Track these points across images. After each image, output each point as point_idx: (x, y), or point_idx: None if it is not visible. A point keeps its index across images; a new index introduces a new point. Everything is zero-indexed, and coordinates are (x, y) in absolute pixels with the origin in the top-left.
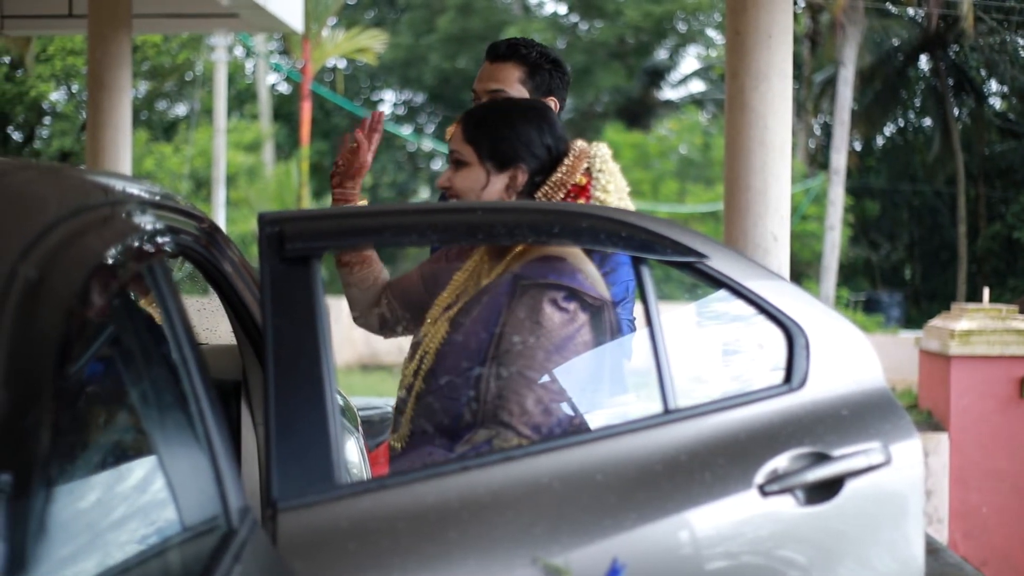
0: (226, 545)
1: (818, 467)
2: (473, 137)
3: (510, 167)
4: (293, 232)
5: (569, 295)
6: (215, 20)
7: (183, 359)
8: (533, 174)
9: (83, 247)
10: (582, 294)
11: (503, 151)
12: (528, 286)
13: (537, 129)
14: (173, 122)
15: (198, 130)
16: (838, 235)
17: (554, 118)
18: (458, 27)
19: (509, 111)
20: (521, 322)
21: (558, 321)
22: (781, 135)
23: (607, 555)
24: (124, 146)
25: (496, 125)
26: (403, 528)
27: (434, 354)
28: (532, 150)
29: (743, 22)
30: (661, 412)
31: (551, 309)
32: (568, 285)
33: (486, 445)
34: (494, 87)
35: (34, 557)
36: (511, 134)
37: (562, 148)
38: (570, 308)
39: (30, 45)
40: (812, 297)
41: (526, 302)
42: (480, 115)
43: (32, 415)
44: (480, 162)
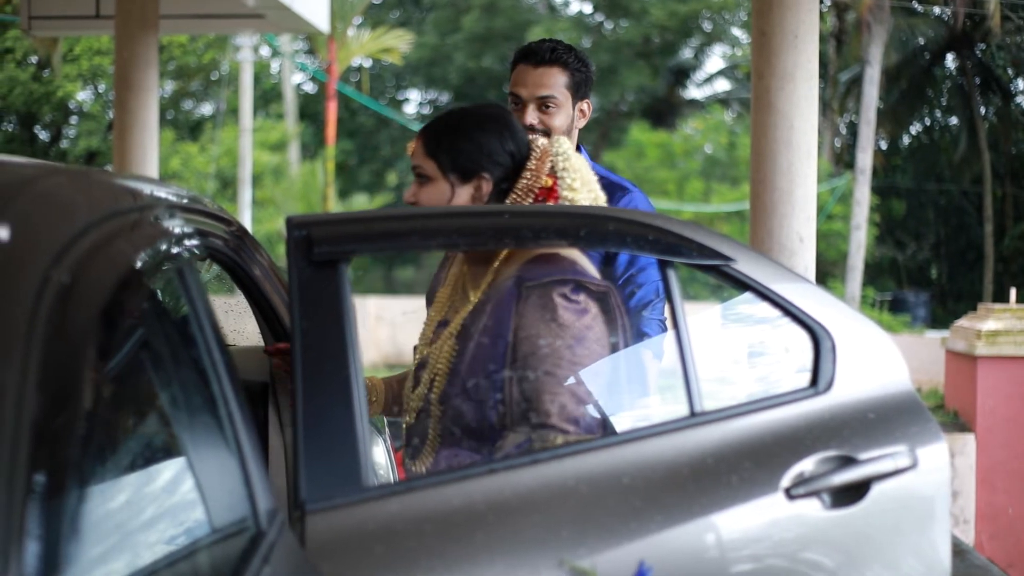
0: (255, 547)
1: (844, 470)
2: (434, 151)
3: (473, 178)
4: (321, 236)
5: (576, 287)
6: (241, 21)
7: (212, 362)
8: (499, 182)
9: (114, 252)
10: (587, 284)
11: (464, 163)
12: (533, 287)
13: (498, 137)
14: (199, 122)
15: (224, 130)
16: (864, 235)
17: (513, 122)
18: (483, 26)
19: (466, 121)
20: (536, 323)
21: (572, 314)
22: (807, 135)
23: (634, 558)
24: (151, 146)
25: (455, 137)
26: (430, 530)
27: (445, 373)
28: (494, 159)
29: (769, 22)
30: (688, 415)
31: (563, 304)
32: (572, 278)
33: (526, 442)
34: (544, 93)
35: (66, 557)
36: (470, 145)
37: (525, 152)
38: (580, 299)
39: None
40: (838, 300)
41: (535, 303)
42: (439, 128)
43: (65, 417)
44: (443, 175)
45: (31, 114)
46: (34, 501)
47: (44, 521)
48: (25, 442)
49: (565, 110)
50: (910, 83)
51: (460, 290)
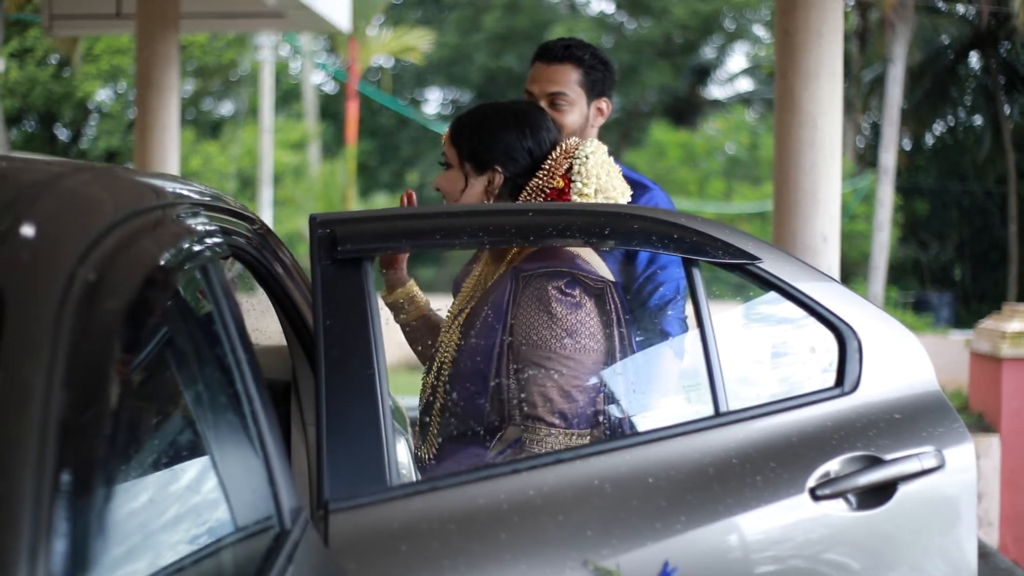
0: (279, 546)
1: (870, 471)
2: (457, 140)
3: (487, 170)
4: (344, 234)
5: (571, 281)
6: (262, 20)
7: (237, 360)
8: (513, 177)
9: (139, 250)
10: (583, 278)
11: (480, 154)
12: (529, 277)
13: (517, 132)
14: (219, 121)
15: (244, 129)
16: (887, 235)
17: (539, 121)
18: (504, 26)
19: (493, 116)
20: (529, 315)
21: (566, 308)
22: (831, 135)
23: (658, 558)
24: (171, 145)
25: (476, 129)
26: (454, 530)
27: (451, 362)
28: (510, 154)
29: (793, 21)
30: (712, 414)
31: (556, 297)
32: (568, 271)
33: (518, 442)
34: (554, 89)
35: (93, 555)
36: (488, 138)
37: (546, 150)
38: (575, 293)
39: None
40: (864, 300)
41: (530, 294)
42: (467, 119)
43: (91, 415)
44: (460, 165)
45: (51, 114)
46: (61, 499)
47: (71, 519)
48: (52, 440)
49: (578, 108)
50: (934, 82)
51: (481, 284)
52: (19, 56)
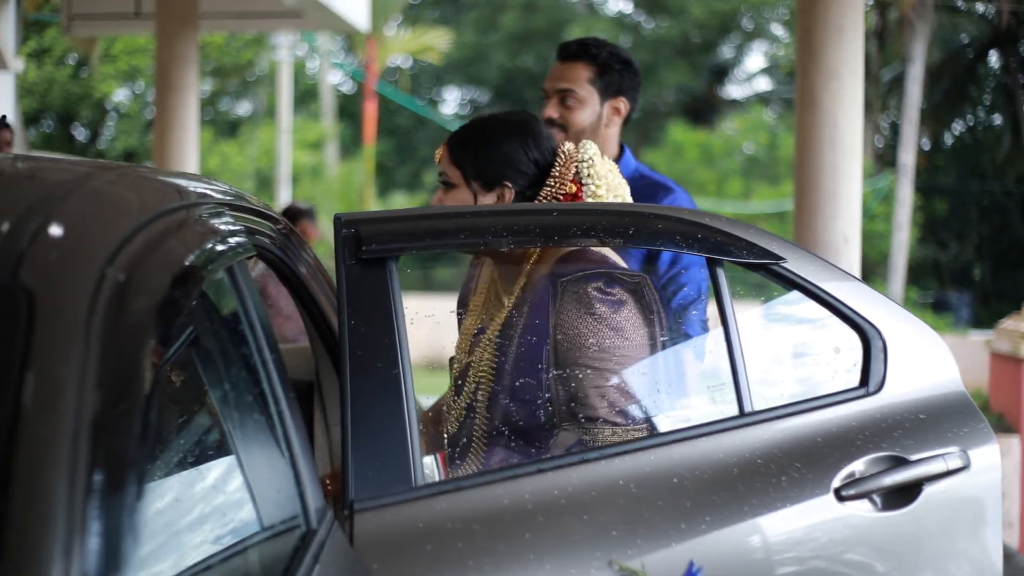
0: (306, 545)
1: (896, 472)
2: (459, 159)
3: (496, 187)
4: (369, 234)
5: (609, 280)
6: (280, 20)
7: (263, 360)
8: (523, 190)
9: (167, 250)
10: (620, 275)
11: (487, 172)
12: (567, 282)
13: (522, 145)
14: (236, 121)
15: (262, 129)
16: (906, 235)
17: (539, 129)
18: (522, 25)
19: (491, 130)
20: (573, 319)
21: (609, 307)
22: (852, 134)
23: (683, 558)
24: (191, 145)
25: (479, 145)
26: (478, 529)
27: (489, 379)
28: (518, 167)
29: (813, 20)
30: (737, 415)
31: (598, 297)
32: (605, 271)
33: (577, 445)
34: (563, 86)
35: (124, 553)
36: (494, 154)
37: (550, 158)
38: (615, 292)
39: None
40: (889, 300)
41: (570, 298)
42: (464, 136)
43: (122, 415)
44: (466, 183)
45: (69, 114)
46: (93, 497)
47: (103, 517)
48: (84, 439)
49: (589, 106)
50: (953, 81)
51: (493, 297)
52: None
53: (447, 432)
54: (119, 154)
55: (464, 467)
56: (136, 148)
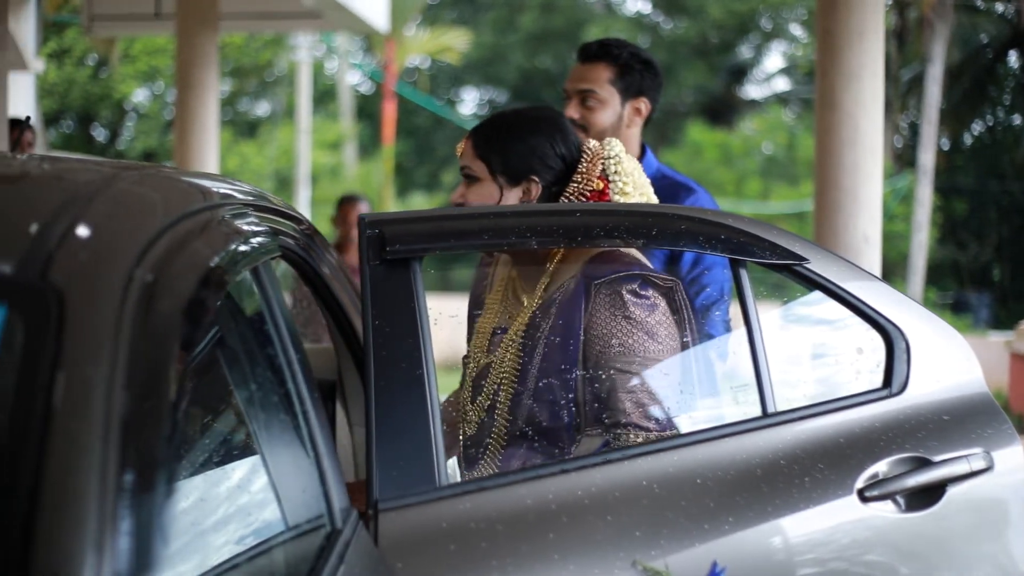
0: (331, 545)
1: (919, 473)
2: (484, 152)
3: (523, 181)
4: (393, 234)
5: (644, 282)
6: (300, 20)
7: (288, 360)
8: (549, 185)
9: (194, 251)
10: (654, 279)
11: (514, 165)
12: (601, 284)
13: (549, 139)
14: (255, 122)
15: (281, 129)
16: (925, 235)
17: (565, 125)
18: (540, 26)
19: (518, 124)
20: (607, 321)
21: (643, 310)
22: (872, 135)
23: (707, 558)
24: (211, 145)
25: (506, 139)
26: (502, 530)
27: (512, 380)
28: (545, 162)
29: (833, 20)
30: (760, 415)
31: (633, 300)
32: (640, 273)
33: (603, 445)
34: (584, 87)
35: (153, 552)
36: (522, 147)
37: (576, 155)
38: (649, 295)
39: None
40: (912, 300)
41: (604, 300)
42: (490, 129)
43: (151, 415)
44: (492, 177)
45: (89, 114)
46: (124, 497)
47: (133, 516)
48: (115, 439)
49: (610, 107)
50: (972, 81)
51: (511, 295)
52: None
53: (463, 432)
54: (138, 154)
55: (483, 468)
56: (155, 148)
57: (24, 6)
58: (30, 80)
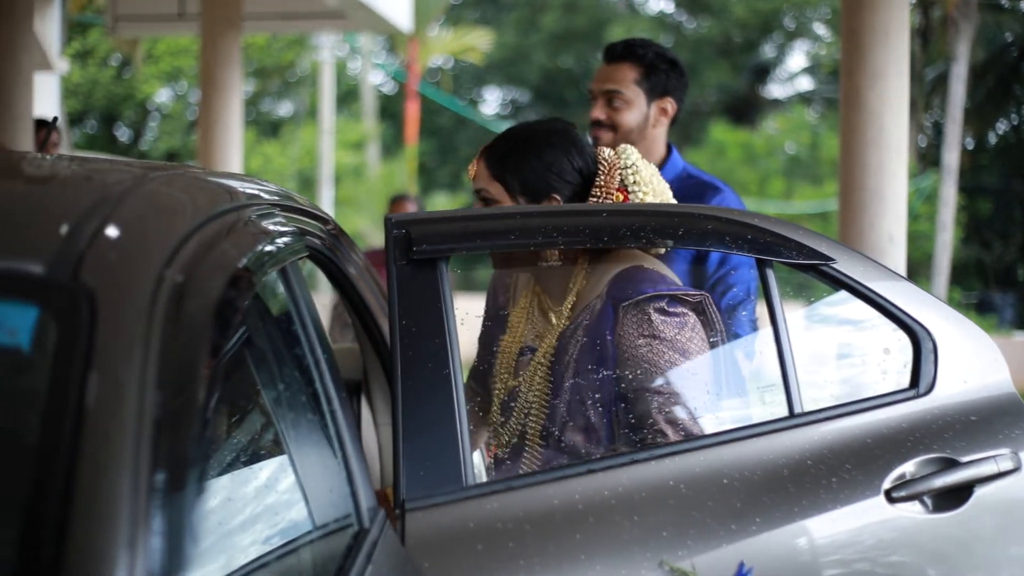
0: (358, 544)
1: (946, 473)
2: (499, 173)
3: (543, 198)
4: (420, 234)
5: (672, 300)
6: (323, 20)
7: (316, 360)
8: (568, 200)
9: (223, 251)
10: (682, 295)
11: (533, 183)
12: (629, 306)
13: (565, 153)
14: (278, 122)
15: (304, 129)
16: (950, 235)
17: (579, 137)
18: (562, 25)
19: (532, 140)
20: (637, 343)
21: (673, 328)
22: (897, 134)
23: (734, 559)
24: (234, 145)
25: (521, 157)
26: (529, 530)
27: (543, 405)
28: (563, 177)
29: (859, 20)
30: (787, 415)
31: (662, 320)
32: (668, 292)
33: None
34: (609, 87)
35: (183, 551)
36: (538, 164)
37: (593, 167)
38: (677, 312)
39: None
40: (939, 300)
41: (633, 321)
42: (503, 148)
43: (182, 414)
44: (511, 198)
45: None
46: (155, 496)
47: (164, 516)
48: (147, 438)
49: (636, 107)
50: (997, 80)
51: (536, 312)
52: (81, 57)
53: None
54: (161, 155)
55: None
56: (178, 149)
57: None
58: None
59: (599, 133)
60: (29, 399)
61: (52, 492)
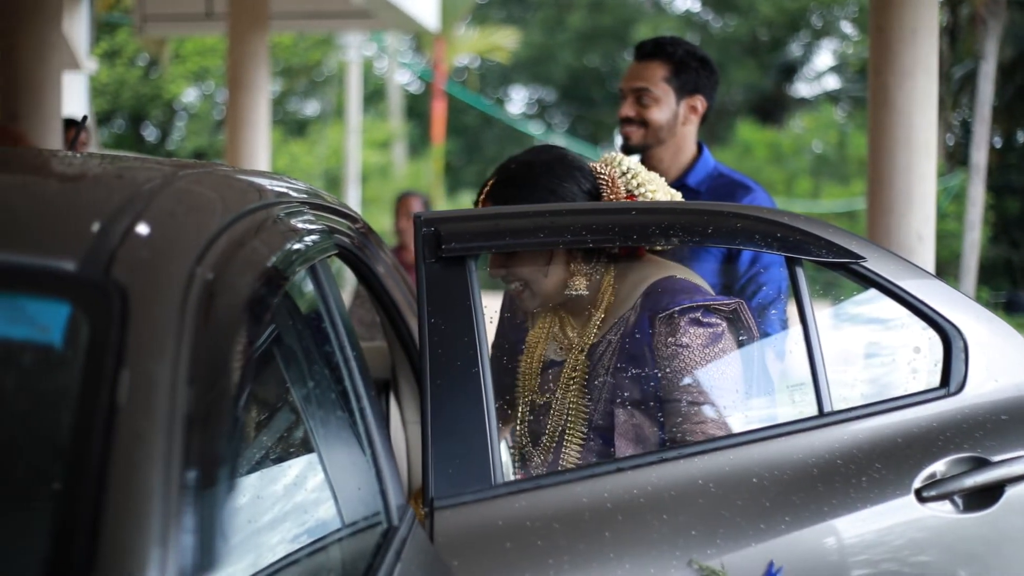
0: (388, 542)
1: (977, 473)
2: None
3: None
4: (449, 232)
5: (706, 311)
6: (350, 20)
7: (345, 358)
8: None
9: (253, 249)
10: (716, 306)
11: None
12: (664, 318)
13: (575, 182)
14: (304, 121)
15: (330, 128)
16: (978, 234)
17: (578, 158)
18: (589, 24)
19: (535, 174)
20: (671, 354)
21: (708, 340)
22: (926, 133)
23: (763, 558)
24: (262, 144)
25: (532, 194)
26: (558, 528)
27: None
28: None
29: (887, 18)
30: (816, 415)
31: (695, 331)
32: (702, 303)
33: None
34: (639, 85)
35: (215, 547)
36: (552, 198)
37: (596, 183)
38: (712, 322)
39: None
40: (969, 299)
41: (666, 332)
42: (510, 189)
43: (214, 411)
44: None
45: (139, 114)
46: (187, 493)
47: (196, 512)
48: (179, 435)
49: (665, 104)
50: None
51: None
52: (109, 57)
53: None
54: (188, 154)
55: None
56: (205, 148)
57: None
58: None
59: (629, 130)
60: (61, 396)
61: (84, 489)
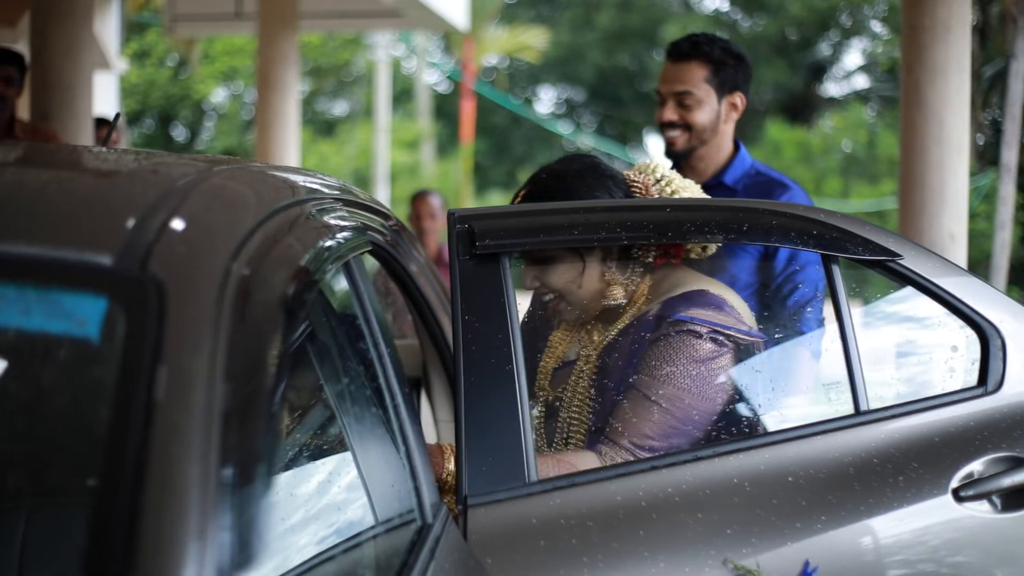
0: (422, 539)
1: (1015, 472)
2: None
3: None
4: (483, 229)
5: (714, 332)
6: (380, 19)
7: (379, 355)
8: None
9: (287, 245)
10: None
11: None
12: (673, 322)
13: (604, 189)
14: (333, 121)
15: (359, 128)
16: (1009, 234)
17: (608, 166)
18: (617, 24)
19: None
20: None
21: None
22: (958, 131)
23: (799, 557)
24: (291, 143)
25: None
26: (592, 526)
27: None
28: None
29: (919, 16)
30: (852, 413)
31: (695, 343)
32: (711, 325)
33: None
34: (680, 88)
35: (251, 542)
36: None
37: (629, 192)
38: (715, 345)
39: (195, 46)
40: (1007, 297)
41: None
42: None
43: (250, 407)
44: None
45: (169, 114)
46: (224, 488)
47: (232, 508)
48: (216, 430)
49: (708, 105)
50: None
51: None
52: (139, 57)
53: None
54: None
55: None
56: (234, 148)
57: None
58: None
59: (672, 135)
60: (98, 390)
61: (122, 484)
